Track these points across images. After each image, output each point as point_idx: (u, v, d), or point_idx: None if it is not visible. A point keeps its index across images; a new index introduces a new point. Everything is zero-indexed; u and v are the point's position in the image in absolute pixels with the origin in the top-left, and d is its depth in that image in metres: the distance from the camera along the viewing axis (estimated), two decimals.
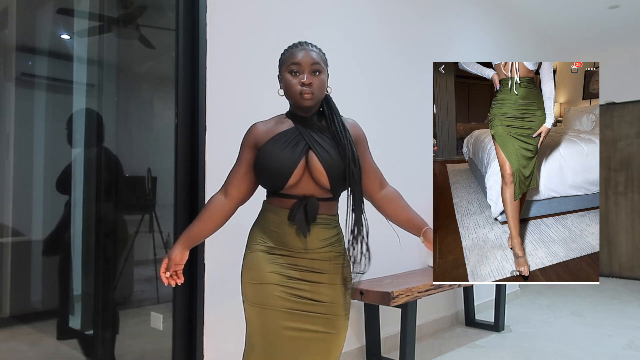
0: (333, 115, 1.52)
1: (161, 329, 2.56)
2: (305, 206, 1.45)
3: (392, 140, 3.36)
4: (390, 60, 3.38)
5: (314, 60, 1.48)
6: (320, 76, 1.48)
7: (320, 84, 1.48)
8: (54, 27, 3.60)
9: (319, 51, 1.55)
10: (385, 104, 3.31)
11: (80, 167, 2.98)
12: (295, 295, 1.46)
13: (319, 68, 1.49)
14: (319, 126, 1.51)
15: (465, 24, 4.24)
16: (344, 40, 3.00)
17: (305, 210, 1.45)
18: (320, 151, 1.45)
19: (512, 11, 4.96)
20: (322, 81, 1.49)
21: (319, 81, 1.48)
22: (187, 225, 2.19)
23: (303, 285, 1.47)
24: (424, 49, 3.70)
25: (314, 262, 1.48)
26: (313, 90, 1.46)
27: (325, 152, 1.45)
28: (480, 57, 4.44)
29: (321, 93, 1.49)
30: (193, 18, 2.23)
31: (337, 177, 1.46)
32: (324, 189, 1.48)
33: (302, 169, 1.45)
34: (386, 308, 3.11)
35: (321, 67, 1.49)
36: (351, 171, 1.46)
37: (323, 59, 1.53)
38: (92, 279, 2.82)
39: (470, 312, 3.85)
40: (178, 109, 2.18)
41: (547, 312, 4.31)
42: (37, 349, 2.96)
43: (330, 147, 1.46)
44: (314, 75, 1.48)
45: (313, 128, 1.50)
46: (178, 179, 2.17)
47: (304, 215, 1.45)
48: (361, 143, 1.58)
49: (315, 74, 1.48)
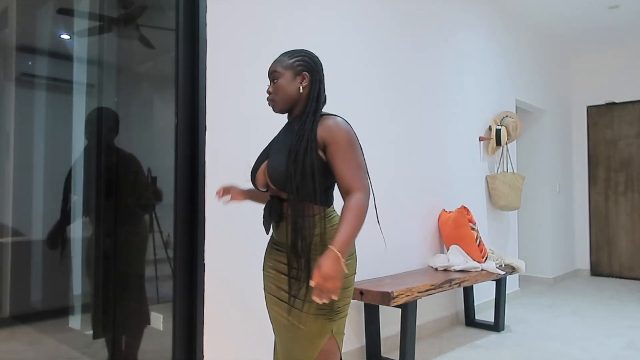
0: (302, 116, 1.57)
1: (161, 329, 2.56)
2: (271, 207, 1.58)
3: (392, 139, 3.36)
4: (391, 57, 3.38)
5: (271, 70, 1.61)
6: (278, 82, 1.59)
7: (277, 89, 1.59)
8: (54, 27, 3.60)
9: (287, 57, 1.61)
10: (385, 103, 3.31)
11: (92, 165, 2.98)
12: (276, 285, 1.62)
13: (276, 75, 1.60)
14: (290, 129, 1.60)
15: (466, 24, 4.24)
16: (344, 39, 3.00)
17: (269, 210, 1.58)
18: (272, 155, 1.56)
19: (512, 11, 4.96)
20: (279, 86, 1.59)
21: (276, 87, 1.59)
22: (187, 225, 2.20)
23: (282, 277, 1.60)
24: (424, 48, 3.70)
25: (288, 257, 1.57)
26: (273, 97, 1.60)
27: (276, 156, 1.54)
28: (481, 56, 4.45)
29: (281, 97, 1.59)
30: (193, 18, 2.23)
31: (279, 179, 1.51)
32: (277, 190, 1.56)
33: (264, 171, 1.59)
34: (386, 308, 3.11)
35: (278, 74, 1.59)
36: (290, 173, 1.48)
37: (286, 64, 1.60)
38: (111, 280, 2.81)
39: (470, 312, 3.85)
40: (178, 109, 2.18)
41: (547, 312, 4.32)
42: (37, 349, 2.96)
43: (284, 150, 1.53)
44: (273, 83, 1.61)
45: (287, 131, 1.61)
46: (178, 179, 2.17)
47: (268, 214, 1.58)
48: (331, 145, 1.51)
49: (274, 81, 1.61)
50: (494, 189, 4.42)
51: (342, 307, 1.57)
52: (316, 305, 1.51)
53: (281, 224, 1.58)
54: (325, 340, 1.54)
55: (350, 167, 1.49)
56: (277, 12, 2.60)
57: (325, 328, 1.54)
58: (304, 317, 1.53)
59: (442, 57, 3.92)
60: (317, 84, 1.60)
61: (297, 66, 1.59)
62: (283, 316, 1.59)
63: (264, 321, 2.38)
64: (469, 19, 4.29)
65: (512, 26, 5.02)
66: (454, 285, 3.09)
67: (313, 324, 1.53)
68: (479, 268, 3.39)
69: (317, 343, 1.54)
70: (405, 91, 3.51)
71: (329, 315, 1.53)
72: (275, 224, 1.61)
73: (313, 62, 1.62)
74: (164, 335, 2.41)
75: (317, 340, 1.54)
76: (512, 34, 5.02)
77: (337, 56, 2.95)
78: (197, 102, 2.20)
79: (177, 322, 2.15)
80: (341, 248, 1.38)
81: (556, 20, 5.25)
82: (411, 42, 3.58)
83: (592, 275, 6.28)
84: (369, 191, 1.51)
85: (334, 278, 1.35)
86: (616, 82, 6.18)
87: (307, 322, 1.53)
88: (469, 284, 3.25)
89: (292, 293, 1.55)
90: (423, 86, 3.69)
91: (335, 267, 1.36)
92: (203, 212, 2.18)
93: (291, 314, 1.55)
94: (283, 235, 1.58)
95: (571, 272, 6.25)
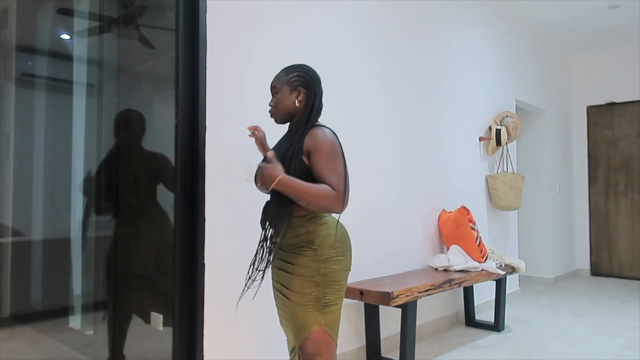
0: (297, 126, 1.75)
1: (161, 329, 2.56)
2: (266, 207, 1.77)
3: (392, 139, 3.36)
4: (391, 57, 3.38)
5: (271, 85, 1.81)
6: (277, 97, 1.78)
7: (277, 103, 1.78)
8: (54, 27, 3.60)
9: (284, 73, 1.80)
10: (385, 103, 3.31)
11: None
12: (276, 280, 1.81)
13: (276, 91, 1.79)
14: (285, 139, 1.79)
15: (466, 24, 4.24)
16: (344, 40, 3.00)
17: (265, 211, 1.76)
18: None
19: (513, 11, 4.96)
20: (278, 101, 1.78)
21: (275, 101, 1.79)
22: (187, 225, 2.20)
23: (280, 273, 1.78)
24: (424, 49, 3.70)
25: (287, 255, 1.75)
26: (273, 111, 1.80)
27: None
28: (481, 56, 4.45)
29: (280, 111, 1.78)
30: (193, 18, 2.23)
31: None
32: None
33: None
34: (386, 308, 3.11)
35: (277, 87, 1.79)
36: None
37: (283, 80, 1.78)
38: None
39: (470, 312, 3.85)
40: (178, 109, 2.18)
41: (547, 312, 4.32)
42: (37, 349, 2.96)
43: (278, 156, 1.70)
44: (273, 97, 1.80)
45: (285, 139, 1.79)
46: (178, 179, 2.17)
47: (264, 214, 1.76)
48: (314, 152, 1.67)
49: (274, 95, 1.80)
50: (494, 189, 4.42)
51: (332, 300, 1.70)
52: (302, 296, 1.69)
53: None
54: (313, 330, 1.68)
55: (329, 172, 1.64)
56: (277, 12, 2.60)
57: (312, 318, 1.69)
58: (292, 306, 1.71)
59: (443, 56, 3.92)
60: (312, 98, 1.76)
61: (294, 82, 1.77)
62: (281, 308, 1.79)
63: (264, 321, 2.38)
64: (469, 19, 4.29)
65: (512, 26, 5.02)
66: (454, 285, 3.09)
67: (301, 314, 1.70)
68: (479, 268, 3.39)
69: (304, 331, 1.70)
70: (406, 91, 3.50)
71: (315, 306, 1.68)
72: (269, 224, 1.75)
73: (309, 76, 1.78)
74: (164, 335, 2.41)
75: (304, 329, 1.70)
76: (512, 34, 5.02)
77: (337, 57, 2.95)
78: (197, 102, 2.20)
79: (177, 322, 2.15)
80: (285, 181, 1.61)
81: (556, 20, 5.25)
82: (411, 42, 3.58)
83: (592, 275, 6.28)
84: (342, 196, 1.63)
85: (264, 174, 1.63)
86: (616, 82, 6.18)
87: (296, 312, 1.71)
88: (469, 284, 3.25)
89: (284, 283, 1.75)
90: (423, 86, 3.69)
91: (270, 173, 1.62)
92: (203, 212, 2.18)
93: (288, 306, 1.73)
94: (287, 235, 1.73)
95: (571, 272, 6.25)
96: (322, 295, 1.68)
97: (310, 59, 2.74)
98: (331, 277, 1.69)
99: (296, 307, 1.69)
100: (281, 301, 1.77)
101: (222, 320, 2.26)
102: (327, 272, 1.69)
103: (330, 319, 1.70)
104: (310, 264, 1.68)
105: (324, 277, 1.68)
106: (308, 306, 1.68)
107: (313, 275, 1.68)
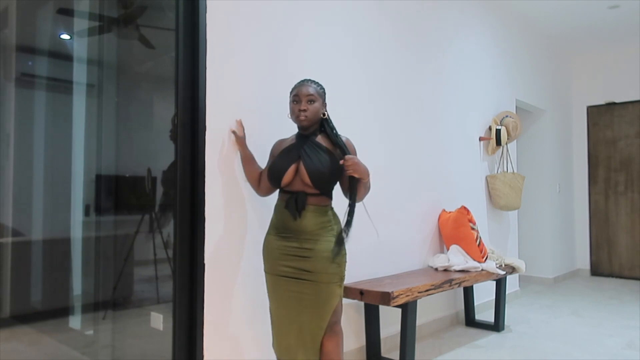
0: (334, 135, 2.06)
1: (161, 329, 2.56)
2: (297, 198, 1.97)
3: (392, 139, 3.36)
4: (392, 58, 3.38)
5: (308, 93, 2.02)
6: (314, 104, 2.02)
7: (313, 109, 2.01)
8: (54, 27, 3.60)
9: (317, 86, 2.07)
10: (385, 104, 3.31)
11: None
12: (291, 266, 1.99)
13: (313, 98, 2.02)
14: (314, 142, 2.04)
15: (466, 25, 4.24)
16: (344, 41, 3.00)
17: (296, 201, 1.97)
18: (307, 160, 1.99)
19: (513, 11, 4.96)
20: (314, 108, 2.02)
21: (312, 108, 2.01)
22: (187, 225, 2.20)
23: (297, 259, 1.98)
24: (425, 48, 3.71)
25: (307, 241, 1.98)
26: (308, 115, 2.01)
27: (311, 161, 1.98)
28: (481, 57, 4.45)
29: (313, 117, 2.02)
30: (193, 18, 2.22)
31: (318, 179, 1.97)
32: (311, 187, 1.99)
33: (293, 172, 2.00)
34: (386, 308, 3.11)
35: (315, 97, 2.02)
36: (327, 175, 1.99)
37: (318, 92, 2.05)
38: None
39: (470, 312, 3.85)
40: (178, 109, 2.18)
41: (547, 312, 4.32)
42: (37, 349, 2.96)
43: (316, 157, 1.99)
44: (309, 103, 2.01)
45: (308, 143, 2.04)
46: (178, 179, 2.17)
47: (295, 204, 1.97)
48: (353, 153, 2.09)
49: (310, 102, 2.01)
50: (494, 189, 4.42)
51: (344, 276, 2.05)
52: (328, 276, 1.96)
53: (304, 213, 1.98)
54: (338, 302, 2.00)
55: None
56: (277, 12, 2.60)
57: (336, 292, 2.00)
58: (325, 287, 1.96)
59: (442, 57, 3.92)
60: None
61: (323, 94, 2.09)
62: (301, 291, 1.97)
63: (263, 321, 2.38)
64: (469, 20, 4.29)
65: (512, 26, 5.02)
66: (454, 285, 3.09)
67: (331, 291, 1.97)
68: (479, 268, 3.39)
69: (331, 304, 1.97)
70: (406, 91, 3.50)
71: (339, 282, 2.00)
72: (299, 213, 1.98)
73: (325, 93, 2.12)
74: (164, 335, 2.41)
75: (331, 302, 1.97)
76: (512, 34, 5.01)
77: (337, 57, 2.95)
78: (197, 102, 2.20)
79: (177, 322, 2.15)
80: (366, 176, 1.97)
81: (556, 20, 5.25)
82: (411, 42, 3.58)
83: (592, 275, 6.28)
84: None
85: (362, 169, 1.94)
86: (616, 82, 6.18)
87: (329, 292, 1.97)
88: (469, 284, 3.25)
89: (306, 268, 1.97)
90: (423, 86, 3.69)
91: (365, 169, 1.95)
92: (203, 212, 2.18)
93: (313, 287, 1.96)
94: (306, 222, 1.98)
95: (571, 272, 6.25)
96: (342, 273, 2.02)
97: (310, 59, 2.74)
98: (345, 257, 2.03)
99: (322, 286, 1.96)
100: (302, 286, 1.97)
101: (222, 320, 2.26)
102: (343, 252, 2.02)
103: (342, 292, 2.05)
104: (331, 246, 1.97)
105: (342, 257, 2.01)
106: (334, 283, 1.98)
107: (334, 257, 1.97)
